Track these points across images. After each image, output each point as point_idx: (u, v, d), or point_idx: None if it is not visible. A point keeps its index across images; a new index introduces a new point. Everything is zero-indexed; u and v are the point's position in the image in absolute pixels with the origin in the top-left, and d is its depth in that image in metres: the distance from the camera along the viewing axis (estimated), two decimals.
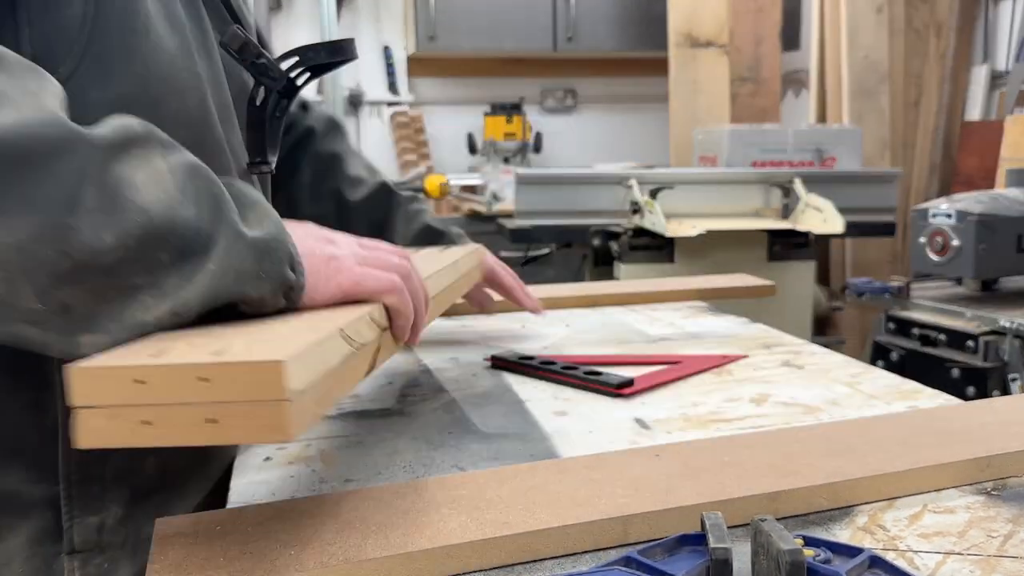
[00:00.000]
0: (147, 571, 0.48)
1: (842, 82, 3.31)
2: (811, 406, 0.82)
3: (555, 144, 4.39)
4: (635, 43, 4.03)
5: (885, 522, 0.56)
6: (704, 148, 3.13)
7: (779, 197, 2.55)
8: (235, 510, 0.56)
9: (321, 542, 0.51)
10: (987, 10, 3.29)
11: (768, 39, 3.54)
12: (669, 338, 1.12)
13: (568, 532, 0.52)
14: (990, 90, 3.25)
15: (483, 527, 0.52)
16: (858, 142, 2.96)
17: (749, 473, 0.60)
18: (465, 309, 1.29)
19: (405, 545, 0.50)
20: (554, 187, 2.51)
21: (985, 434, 0.67)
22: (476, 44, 3.89)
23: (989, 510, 0.58)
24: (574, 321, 1.23)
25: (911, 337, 1.91)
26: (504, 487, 0.58)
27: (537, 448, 0.72)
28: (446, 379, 0.94)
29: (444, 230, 1.08)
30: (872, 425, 0.70)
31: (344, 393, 0.56)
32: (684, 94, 3.43)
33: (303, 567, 0.48)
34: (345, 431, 0.77)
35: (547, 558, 0.52)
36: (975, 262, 1.80)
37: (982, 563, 0.50)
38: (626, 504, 0.55)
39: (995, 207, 1.82)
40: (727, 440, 0.67)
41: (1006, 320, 1.73)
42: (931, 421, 0.70)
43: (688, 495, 0.56)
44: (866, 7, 3.27)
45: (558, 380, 0.91)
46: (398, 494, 0.57)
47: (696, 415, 0.80)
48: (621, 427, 0.77)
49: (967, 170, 3.25)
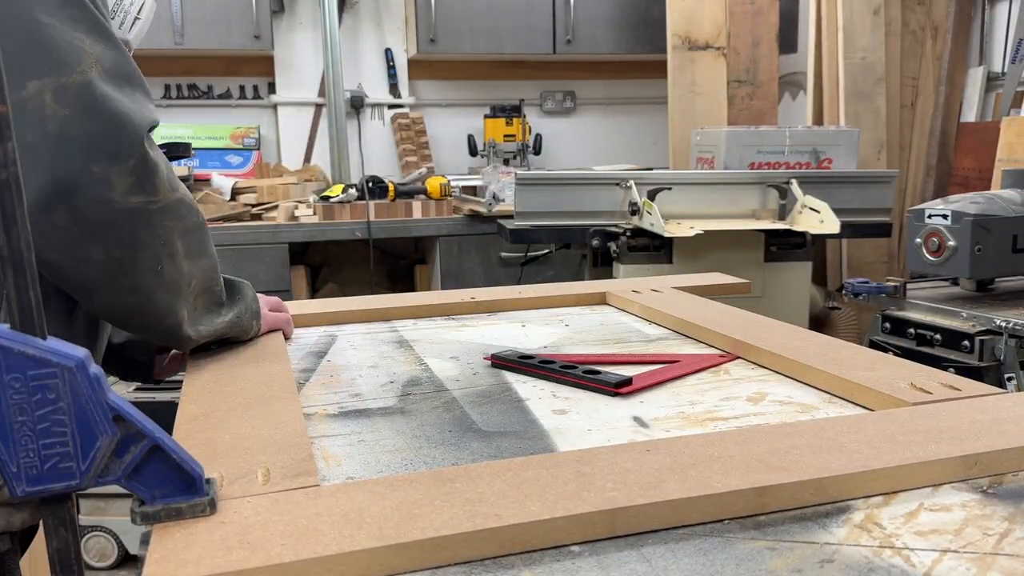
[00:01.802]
0: (146, 560, 0.49)
1: (839, 84, 3.32)
2: (807, 404, 0.83)
3: (554, 146, 4.41)
4: (633, 46, 4.04)
5: (881, 519, 0.57)
6: (702, 150, 3.14)
7: (776, 198, 2.56)
8: (234, 502, 0.57)
9: (316, 532, 0.52)
10: (983, 12, 3.30)
11: (765, 41, 3.55)
12: (667, 338, 1.13)
13: (557, 524, 0.53)
14: (986, 92, 3.26)
15: (474, 519, 0.53)
16: (855, 144, 2.97)
17: (738, 468, 0.61)
18: (465, 309, 1.31)
19: (398, 536, 0.51)
20: (553, 188, 2.52)
21: (975, 432, 0.67)
22: (476, 47, 3.91)
23: (985, 508, 0.58)
24: (573, 321, 1.24)
25: (907, 337, 1.92)
26: (496, 480, 0.59)
27: (536, 446, 0.73)
28: (447, 378, 0.95)
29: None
30: (863, 422, 0.71)
31: None
32: (682, 96, 3.45)
33: (298, 556, 0.49)
34: (346, 429, 0.79)
35: (537, 549, 0.53)
36: (971, 262, 1.81)
37: (978, 560, 0.51)
38: (615, 497, 0.56)
39: (991, 208, 1.82)
40: (717, 436, 0.68)
41: (1001, 320, 1.74)
42: (922, 419, 0.71)
43: (676, 489, 0.57)
44: (863, 9, 3.28)
45: (557, 379, 0.93)
46: (393, 486, 0.59)
47: (693, 413, 0.81)
48: (620, 425, 0.78)
49: (963, 171, 3.26)
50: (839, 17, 3.29)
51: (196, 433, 0.72)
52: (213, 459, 0.65)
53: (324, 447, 0.74)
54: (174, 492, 0.55)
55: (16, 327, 0.49)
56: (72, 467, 0.51)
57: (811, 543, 0.54)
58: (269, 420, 0.75)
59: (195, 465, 0.55)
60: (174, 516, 0.54)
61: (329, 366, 1.02)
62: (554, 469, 0.61)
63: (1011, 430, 0.68)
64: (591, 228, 2.47)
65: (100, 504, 2.37)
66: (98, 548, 2.39)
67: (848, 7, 3.27)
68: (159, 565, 0.49)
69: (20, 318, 0.49)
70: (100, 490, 2.27)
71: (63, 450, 0.50)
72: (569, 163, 4.44)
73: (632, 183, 2.48)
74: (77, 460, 0.51)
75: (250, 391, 0.84)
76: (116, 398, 0.52)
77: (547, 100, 4.46)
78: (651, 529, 0.55)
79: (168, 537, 0.52)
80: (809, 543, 0.54)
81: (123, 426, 0.52)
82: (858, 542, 0.53)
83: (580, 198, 2.52)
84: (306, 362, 1.04)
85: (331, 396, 0.89)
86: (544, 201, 2.51)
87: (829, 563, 0.51)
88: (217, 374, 0.91)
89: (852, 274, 3.32)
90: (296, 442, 0.69)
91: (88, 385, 0.50)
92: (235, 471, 0.63)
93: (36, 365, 0.49)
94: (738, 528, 0.56)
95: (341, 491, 0.58)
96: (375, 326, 1.23)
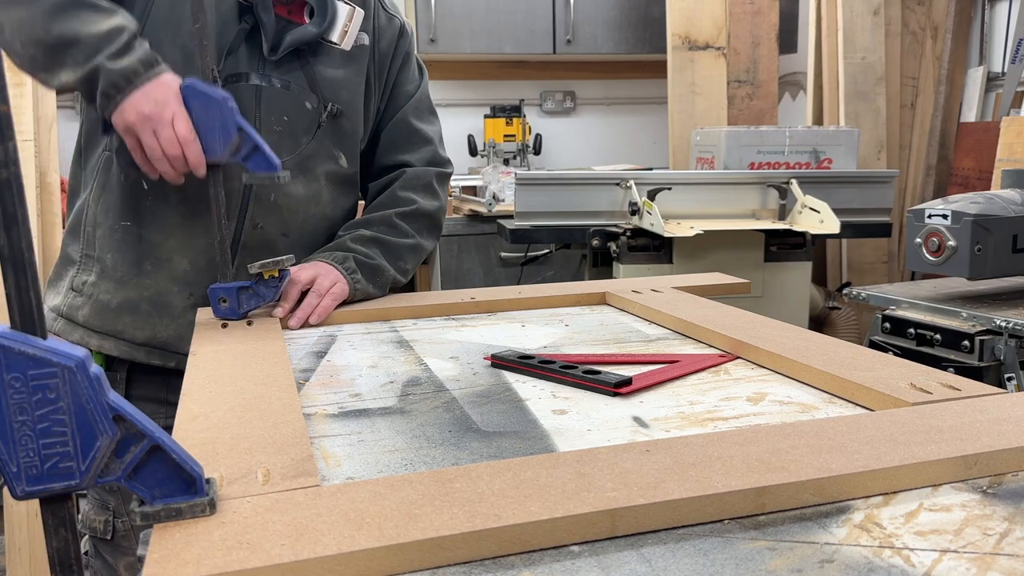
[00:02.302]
0: (146, 560, 0.49)
1: (839, 84, 3.32)
2: (807, 404, 0.83)
3: (554, 146, 4.41)
4: (633, 46, 4.05)
5: (881, 519, 0.57)
6: (702, 150, 3.14)
7: (776, 198, 2.57)
8: (233, 502, 0.57)
9: (316, 532, 0.52)
10: (983, 12, 3.30)
11: (765, 42, 3.55)
12: (667, 338, 1.13)
13: (557, 524, 0.53)
14: (986, 92, 3.27)
15: (474, 519, 0.53)
16: (855, 144, 2.97)
17: (737, 468, 0.61)
18: (465, 309, 1.31)
19: (398, 536, 0.51)
20: (553, 188, 2.53)
21: (975, 432, 0.67)
22: (476, 47, 3.91)
23: (985, 508, 0.58)
24: (573, 321, 1.24)
25: (907, 337, 1.92)
26: (496, 480, 0.59)
27: (536, 446, 0.73)
28: (446, 378, 0.95)
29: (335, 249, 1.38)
30: (863, 422, 0.71)
31: None
32: (682, 96, 3.45)
33: (298, 556, 0.49)
34: (346, 429, 0.79)
35: (536, 550, 0.53)
36: (971, 262, 1.81)
37: (978, 561, 0.51)
38: (615, 498, 0.56)
39: (991, 208, 1.82)
40: (717, 436, 0.68)
41: (1001, 320, 1.74)
42: (921, 419, 0.71)
43: (676, 490, 0.57)
44: (863, 10, 3.28)
45: (557, 379, 0.93)
46: (393, 487, 0.59)
47: (693, 413, 0.81)
48: (619, 425, 0.78)
49: (963, 171, 3.26)
50: (839, 17, 3.29)
51: (196, 433, 0.72)
52: (213, 459, 0.65)
53: (324, 447, 0.74)
54: (174, 492, 0.55)
55: (16, 327, 0.49)
56: (72, 467, 0.51)
57: (811, 543, 0.54)
58: (269, 420, 0.75)
59: (195, 465, 0.55)
60: (174, 516, 0.54)
61: (329, 366, 1.02)
62: (554, 469, 0.61)
63: (1011, 430, 0.68)
64: (591, 228, 2.47)
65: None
66: None
67: (848, 7, 3.28)
68: (159, 565, 0.49)
69: (20, 318, 0.49)
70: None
71: (63, 450, 0.50)
72: (569, 163, 4.44)
73: (632, 183, 2.48)
74: (77, 460, 0.51)
75: (250, 391, 0.84)
76: (116, 398, 0.52)
77: (547, 100, 4.46)
78: (651, 529, 0.55)
79: (168, 537, 0.52)
80: (809, 543, 0.54)
81: (123, 426, 0.52)
82: (858, 542, 0.53)
83: (580, 198, 2.52)
84: (306, 362, 1.04)
85: (331, 396, 0.89)
86: (544, 201, 2.51)
87: (829, 563, 0.51)
88: (217, 374, 0.91)
89: (852, 274, 3.33)
90: (296, 442, 0.69)
91: (88, 385, 0.50)
92: (235, 471, 0.63)
93: (36, 365, 0.49)
94: (738, 528, 0.56)
95: (341, 491, 0.58)
96: (375, 326, 1.24)
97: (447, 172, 1.52)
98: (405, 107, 1.48)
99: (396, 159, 1.48)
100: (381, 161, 1.49)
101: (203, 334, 1.11)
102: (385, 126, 1.48)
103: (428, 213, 1.45)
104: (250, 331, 1.12)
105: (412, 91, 1.49)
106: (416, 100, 1.49)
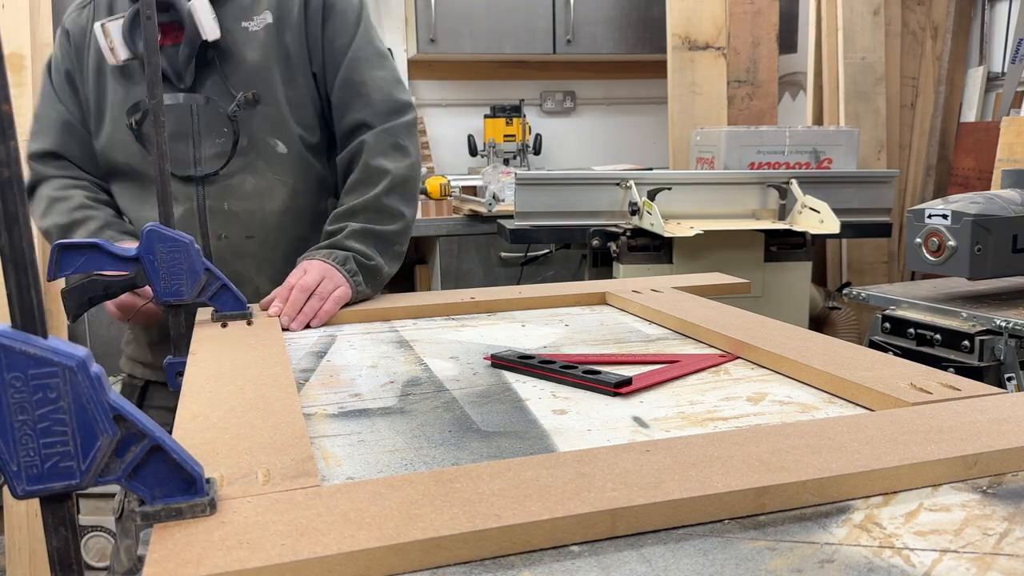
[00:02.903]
0: (146, 560, 0.49)
1: (839, 84, 3.32)
2: (807, 404, 0.83)
3: (554, 146, 4.41)
4: (633, 46, 4.04)
5: (881, 519, 0.57)
6: (702, 150, 3.14)
7: (776, 198, 2.57)
8: (233, 502, 0.57)
9: (316, 532, 0.52)
10: (983, 12, 3.30)
11: (765, 41, 3.55)
12: (667, 338, 1.13)
13: (557, 524, 0.53)
14: (986, 92, 3.27)
15: (474, 519, 0.53)
16: (855, 144, 2.97)
17: (738, 468, 0.61)
18: (465, 309, 1.31)
19: (398, 536, 0.51)
20: (553, 188, 2.52)
21: (975, 432, 0.67)
22: (476, 47, 3.91)
23: (985, 508, 0.58)
24: (573, 321, 1.24)
25: (907, 337, 1.92)
26: (497, 480, 0.59)
27: (536, 446, 0.73)
28: (446, 378, 0.95)
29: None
30: (863, 422, 0.71)
31: None
32: (682, 96, 3.45)
33: (298, 556, 0.49)
34: (346, 429, 0.79)
35: (536, 550, 0.53)
36: (970, 262, 1.81)
37: (978, 561, 0.51)
38: (615, 498, 0.56)
39: (991, 208, 1.82)
40: (717, 436, 0.68)
41: (1001, 320, 1.74)
42: (922, 419, 0.71)
43: (676, 490, 0.57)
44: (863, 9, 3.28)
45: (557, 379, 0.93)
46: (393, 487, 0.59)
47: (693, 413, 0.81)
48: (619, 425, 0.78)
49: (963, 171, 3.26)
50: (839, 17, 3.29)
51: (196, 433, 0.72)
52: (213, 459, 0.66)
53: (324, 447, 0.74)
54: (174, 492, 0.55)
55: (17, 326, 0.49)
56: (72, 466, 0.51)
57: (811, 543, 0.54)
58: (269, 420, 0.75)
59: (195, 465, 0.55)
60: (174, 516, 0.54)
61: (329, 366, 1.02)
62: (554, 469, 0.61)
63: (1011, 430, 0.68)
64: (591, 228, 2.47)
65: (100, 504, 2.37)
66: (98, 548, 2.39)
67: (848, 7, 3.28)
68: (159, 565, 0.49)
69: (21, 317, 0.49)
70: (100, 490, 2.27)
71: (63, 449, 0.50)
72: (569, 163, 4.44)
73: (632, 183, 2.48)
74: (77, 459, 0.51)
75: (250, 391, 0.84)
76: (117, 398, 0.52)
77: (547, 100, 4.46)
78: (651, 529, 0.56)
79: (168, 537, 0.52)
80: (809, 543, 0.54)
81: (123, 426, 0.52)
82: (858, 542, 0.53)
83: (580, 198, 2.52)
84: (306, 362, 1.04)
85: (331, 396, 0.89)
86: (544, 201, 2.51)
87: (829, 563, 0.51)
88: (217, 374, 0.91)
89: (852, 274, 3.33)
90: (296, 442, 0.69)
91: (89, 384, 0.50)
92: (235, 471, 0.63)
93: (37, 364, 0.49)
94: (738, 528, 0.56)
95: (341, 491, 0.58)
96: (375, 326, 1.24)
97: (410, 120, 1.44)
98: (345, 62, 1.40)
99: (353, 119, 1.41)
100: (340, 126, 1.43)
101: (203, 334, 1.11)
102: (333, 88, 1.42)
103: (404, 178, 1.40)
104: (250, 331, 1.12)
105: (347, 42, 1.41)
106: (355, 50, 1.41)
